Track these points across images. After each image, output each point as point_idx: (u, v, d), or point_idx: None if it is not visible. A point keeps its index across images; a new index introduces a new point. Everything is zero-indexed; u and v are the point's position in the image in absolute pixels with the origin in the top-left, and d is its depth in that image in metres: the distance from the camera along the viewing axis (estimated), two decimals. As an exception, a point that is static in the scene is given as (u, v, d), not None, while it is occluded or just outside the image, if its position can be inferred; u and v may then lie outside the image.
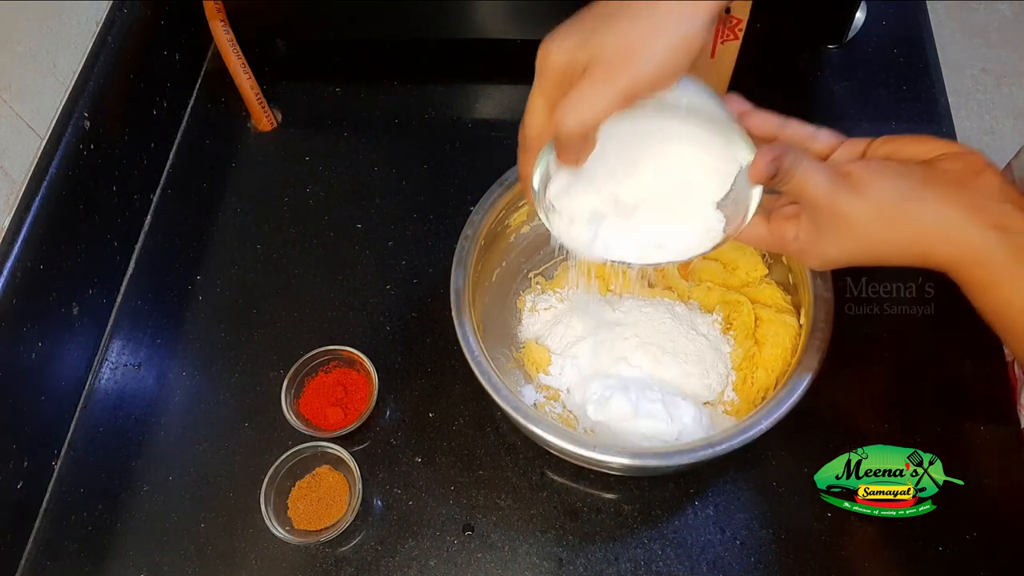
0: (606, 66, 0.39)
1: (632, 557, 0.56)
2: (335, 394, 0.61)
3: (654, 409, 0.55)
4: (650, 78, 0.40)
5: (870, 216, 0.40)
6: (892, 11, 0.79)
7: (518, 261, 0.65)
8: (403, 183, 0.74)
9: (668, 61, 0.40)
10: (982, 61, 1.72)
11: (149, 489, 0.60)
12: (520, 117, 0.45)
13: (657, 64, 0.39)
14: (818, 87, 0.76)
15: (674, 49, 0.40)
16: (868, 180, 0.40)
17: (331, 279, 0.69)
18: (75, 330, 0.64)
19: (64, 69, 0.65)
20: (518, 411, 0.51)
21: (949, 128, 0.73)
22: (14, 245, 0.58)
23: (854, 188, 0.40)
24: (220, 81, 0.79)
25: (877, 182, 0.40)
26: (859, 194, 0.40)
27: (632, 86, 0.39)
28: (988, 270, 0.39)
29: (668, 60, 0.40)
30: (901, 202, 0.40)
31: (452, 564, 0.56)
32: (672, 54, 0.40)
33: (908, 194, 0.40)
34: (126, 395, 0.65)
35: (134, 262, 0.71)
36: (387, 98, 0.79)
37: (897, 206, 0.40)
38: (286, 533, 0.55)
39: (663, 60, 0.40)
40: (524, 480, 0.59)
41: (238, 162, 0.76)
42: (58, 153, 0.62)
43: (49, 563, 0.58)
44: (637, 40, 0.39)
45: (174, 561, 0.57)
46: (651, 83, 0.40)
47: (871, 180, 0.40)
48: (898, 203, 0.40)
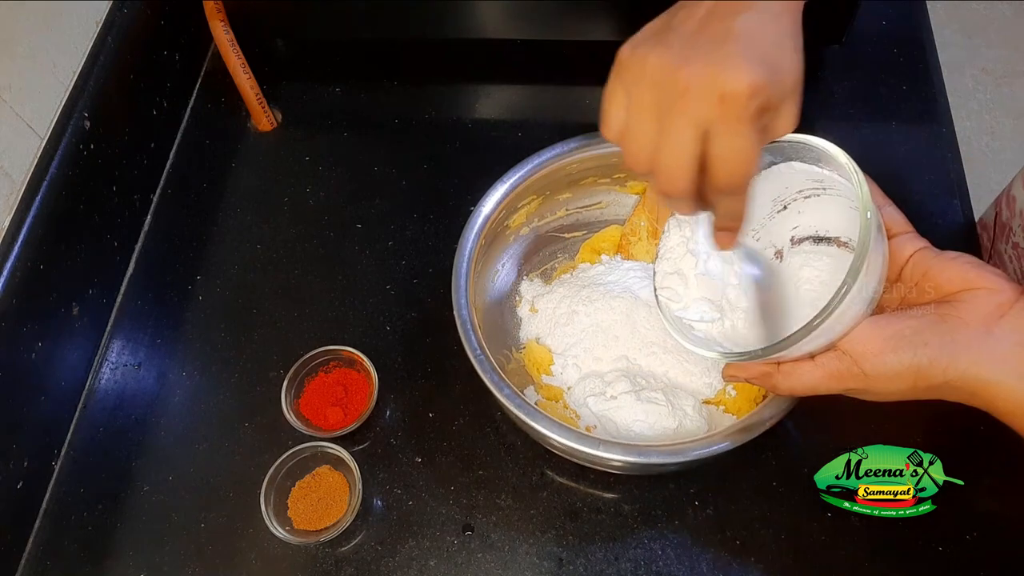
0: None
1: (632, 557, 0.56)
2: (335, 394, 0.61)
3: (655, 397, 0.55)
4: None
5: (892, 394, 0.42)
6: (892, 11, 0.79)
7: (518, 261, 0.65)
8: (403, 183, 0.74)
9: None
10: (982, 61, 1.72)
11: (149, 489, 0.60)
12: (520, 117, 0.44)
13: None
14: (818, 87, 0.76)
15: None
16: (881, 359, 0.41)
17: (331, 279, 0.69)
18: (75, 330, 0.64)
19: (64, 69, 0.65)
20: (520, 409, 0.50)
21: (949, 128, 0.73)
22: (14, 245, 0.58)
23: (867, 381, 0.41)
24: (220, 81, 0.79)
25: (892, 356, 0.40)
26: (872, 382, 0.41)
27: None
28: (1021, 418, 0.39)
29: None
30: (919, 375, 0.40)
31: (452, 564, 0.56)
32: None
33: (930, 363, 0.40)
34: (126, 395, 0.65)
35: (134, 262, 0.71)
36: (387, 98, 0.79)
37: (918, 379, 0.40)
38: (286, 533, 0.55)
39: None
40: (524, 480, 0.59)
41: (238, 162, 0.76)
42: (58, 153, 0.62)
43: (49, 563, 0.58)
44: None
45: (174, 561, 0.57)
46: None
47: (885, 357, 0.40)
48: (917, 376, 0.40)
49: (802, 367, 0.43)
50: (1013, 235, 0.64)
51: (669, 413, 0.54)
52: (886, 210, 0.44)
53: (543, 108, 0.78)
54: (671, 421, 0.54)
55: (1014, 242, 0.64)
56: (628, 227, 0.64)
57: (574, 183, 0.63)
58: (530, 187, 0.61)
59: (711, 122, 0.36)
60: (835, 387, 0.43)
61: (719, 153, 0.37)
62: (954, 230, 0.68)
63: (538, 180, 0.61)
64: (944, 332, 0.40)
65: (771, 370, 0.44)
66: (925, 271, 0.42)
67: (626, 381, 0.56)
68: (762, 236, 0.48)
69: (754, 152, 0.37)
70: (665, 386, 0.57)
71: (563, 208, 0.65)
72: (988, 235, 0.67)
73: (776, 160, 0.47)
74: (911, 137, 0.72)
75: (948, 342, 0.39)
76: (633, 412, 0.54)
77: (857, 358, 0.41)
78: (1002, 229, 0.66)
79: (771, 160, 0.47)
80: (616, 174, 0.64)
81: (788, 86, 0.37)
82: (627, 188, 0.65)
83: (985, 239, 0.68)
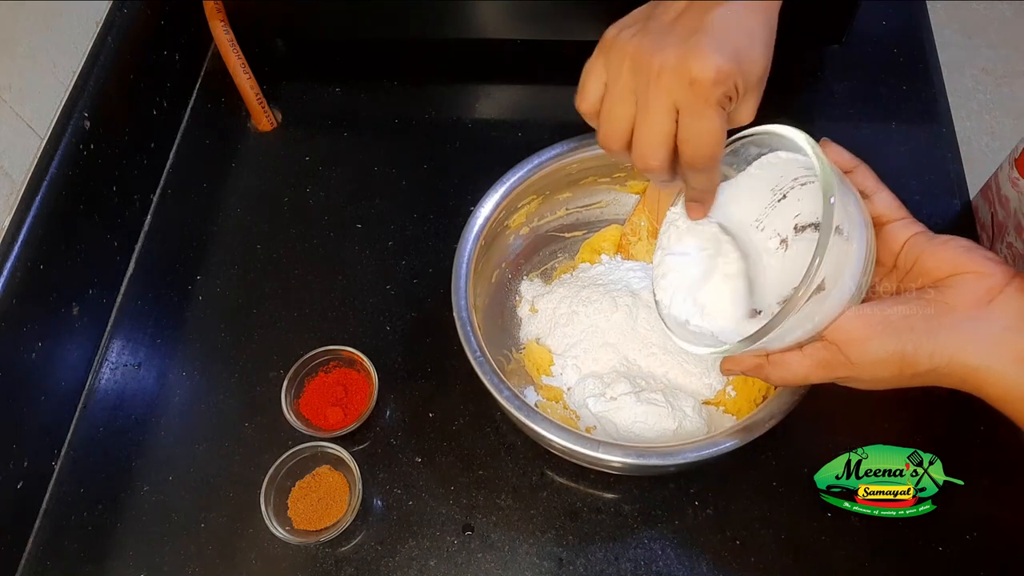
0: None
1: (632, 557, 0.56)
2: (335, 394, 0.61)
3: (655, 398, 0.55)
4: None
5: (880, 381, 0.42)
6: (892, 11, 0.79)
7: (518, 261, 0.65)
8: (403, 183, 0.74)
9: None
10: (982, 61, 1.72)
11: (149, 489, 0.60)
12: (520, 117, 0.44)
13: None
14: (818, 87, 0.76)
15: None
16: (866, 347, 0.41)
17: (331, 279, 0.69)
18: (75, 330, 0.64)
19: (64, 69, 0.65)
20: (520, 410, 0.50)
21: (949, 128, 0.73)
22: (14, 245, 0.58)
23: (854, 369, 0.41)
24: (220, 81, 0.79)
25: (876, 343, 0.40)
26: (859, 370, 0.41)
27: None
28: (1014, 401, 0.39)
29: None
30: (904, 361, 0.40)
31: (452, 564, 0.56)
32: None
33: (915, 350, 0.40)
34: (126, 395, 0.65)
35: (134, 262, 0.71)
36: (387, 98, 0.79)
37: (903, 365, 0.40)
38: (286, 533, 0.55)
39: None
40: (524, 480, 0.59)
41: (238, 162, 0.76)
42: (58, 153, 0.62)
43: (49, 563, 0.58)
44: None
45: (174, 561, 0.57)
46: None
47: (869, 345, 0.41)
48: (903, 362, 0.40)
49: (790, 357, 0.43)
50: (1007, 235, 0.64)
51: (669, 414, 0.54)
52: (879, 196, 0.44)
53: (543, 108, 0.78)
54: (671, 422, 0.54)
55: (1008, 242, 0.64)
56: (628, 227, 0.64)
57: (574, 183, 0.63)
58: (530, 187, 0.61)
59: (681, 104, 0.39)
60: (824, 375, 0.43)
61: (687, 133, 0.40)
62: (954, 230, 0.68)
63: (538, 180, 0.61)
64: (930, 318, 0.39)
65: (762, 362, 0.45)
66: (917, 257, 0.42)
67: (626, 382, 0.56)
68: (766, 226, 0.48)
69: (719, 133, 0.40)
70: (665, 387, 0.57)
71: (563, 208, 0.65)
72: (987, 235, 0.68)
73: (763, 151, 0.47)
74: (911, 137, 0.72)
75: (934, 327, 0.39)
76: (633, 413, 0.54)
77: (842, 346, 0.41)
78: (999, 229, 0.66)
79: (758, 152, 0.47)
80: (616, 173, 0.63)
81: (753, 78, 0.40)
82: (627, 188, 0.65)
83: (984, 239, 0.68)
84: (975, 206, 0.69)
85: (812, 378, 0.44)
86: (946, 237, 0.42)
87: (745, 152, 0.48)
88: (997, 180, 0.66)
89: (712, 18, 0.39)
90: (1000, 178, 0.66)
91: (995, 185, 0.66)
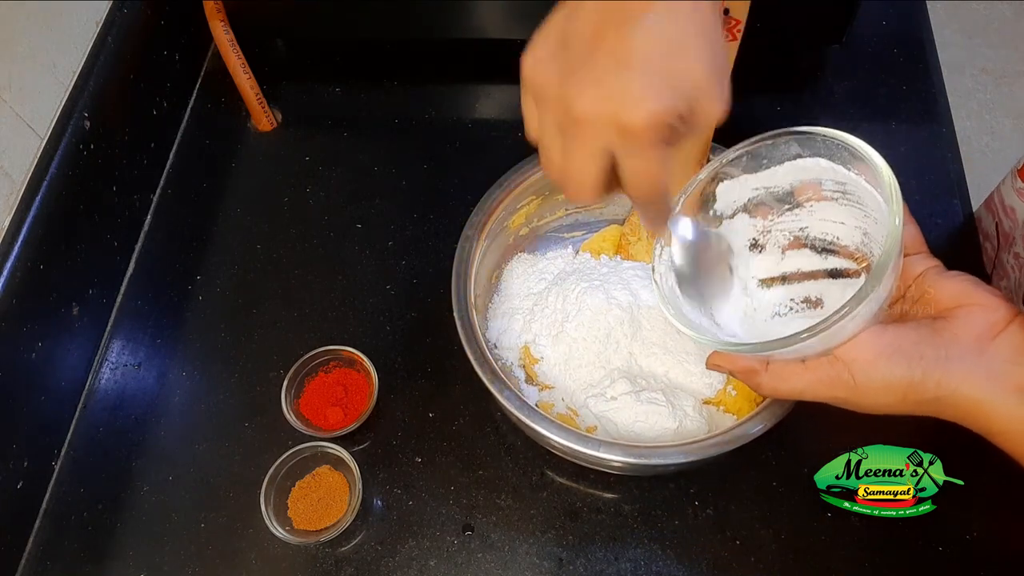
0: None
1: (632, 557, 0.56)
2: (335, 394, 0.61)
3: (655, 397, 0.55)
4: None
5: (879, 406, 0.41)
6: (892, 11, 0.79)
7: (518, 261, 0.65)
8: (403, 183, 0.74)
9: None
10: (982, 61, 1.72)
11: (149, 489, 0.60)
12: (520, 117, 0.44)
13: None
14: (818, 87, 0.76)
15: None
16: (874, 368, 0.40)
17: (331, 279, 0.69)
18: (75, 330, 0.64)
19: (64, 69, 0.65)
20: (520, 410, 0.51)
21: (949, 128, 0.73)
22: (14, 245, 0.58)
23: (856, 391, 0.41)
24: (220, 81, 0.79)
25: (885, 366, 0.40)
26: (860, 393, 0.41)
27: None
28: (1012, 436, 0.39)
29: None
30: (911, 387, 0.40)
31: (452, 564, 0.56)
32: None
33: (923, 377, 0.39)
34: (126, 395, 0.65)
35: (134, 262, 0.71)
36: (387, 98, 0.79)
37: (909, 391, 0.40)
38: (286, 533, 0.55)
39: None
40: (524, 480, 0.59)
41: (238, 162, 0.76)
42: (58, 153, 0.62)
43: (49, 563, 0.58)
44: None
45: (174, 561, 0.57)
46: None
47: (877, 366, 0.40)
48: (909, 388, 0.40)
49: (791, 368, 0.43)
50: (1015, 245, 0.64)
51: (669, 413, 0.54)
52: (906, 228, 0.44)
53: (543, 108, 0.78)
54: (671, 422, 0.54)
55: (1015, 252, 0.64)
56: (628, 227, 0.64)
57: (574, 183, 0.63)
58: (530, 187, 0.61)
59: (614, 147, 0.36)
60: (822, 394, 0.42)
61: (626, 173, 0.37)
62: (953, 230, 0.68)
63: (538, 180, 0.61)
64: (939, 346, 0.40)
65: (759, 368, 0.44)
66: (927, 288, 0.43)
67: (626, 382, 0.56)
68: (772, 229, 0.48)
69: (658, 170, 0.36)
70: (665, 386, 0.57)
71: (562, 208, 0.65)
72: (992, 245, 0.67)
73: (804, 154, 0.45)
74: (911, 137, 0.73)
75: (942, 356, 0.39)
76: (633, 412, 0.54)
77: (849, 364, 0.41)
78: (1006, 239, 0.66)
79: (798, 153, 0.45)
80: (616, 174, 0.63)
81: (694, 91, 0.35)
82: (627, 188, 0.65)
83: (989, 249, 0.68)
84: (977, 217, 0.69)
85: (808, 394, 0.43)
86: (956, 272, 0.43)
87: (786, 148, 0.45)
88: (1000, 192, 0.66)
89: (634, 43, 0.34)
90: (1003, 190, 0.65)
91: (998, 196, 0.66)
